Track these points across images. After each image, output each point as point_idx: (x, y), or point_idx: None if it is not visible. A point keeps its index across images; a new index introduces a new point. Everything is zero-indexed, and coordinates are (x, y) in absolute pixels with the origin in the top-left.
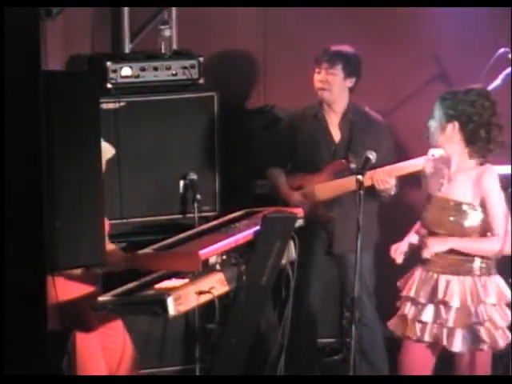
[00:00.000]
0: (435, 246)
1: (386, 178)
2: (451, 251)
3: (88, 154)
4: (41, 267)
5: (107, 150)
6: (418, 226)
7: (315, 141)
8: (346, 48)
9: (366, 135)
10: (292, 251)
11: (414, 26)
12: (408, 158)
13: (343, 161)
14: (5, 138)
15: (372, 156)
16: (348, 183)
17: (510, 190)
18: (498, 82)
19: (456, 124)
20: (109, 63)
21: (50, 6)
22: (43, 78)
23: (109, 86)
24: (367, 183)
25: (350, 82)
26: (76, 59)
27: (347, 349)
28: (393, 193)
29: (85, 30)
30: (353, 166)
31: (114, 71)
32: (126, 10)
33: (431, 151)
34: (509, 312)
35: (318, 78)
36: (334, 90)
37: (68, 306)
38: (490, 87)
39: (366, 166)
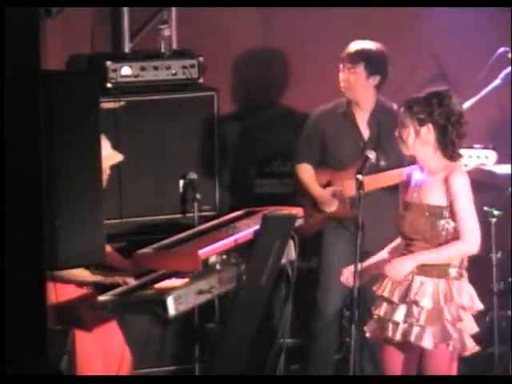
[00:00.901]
0: (405, 267)
1: None
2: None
3: (87, 153)
4: (40, 267)
5: (114, 156)
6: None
7: (344, 138)
8: (370, 45)
9: (394, 133)
10: (292, 251)
11: (414, 25)
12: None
13: None
14: (5, 137)
15: (372, 155)
16: (376, 180)
17: (510, 189)
18: (497, 81)
19: (430, 126)
20: (109, 63)
21: (49, 6)
22: (43, 78)
23: (109, 85)
24: (395, 181)
25: (374, 81)
26: (76, 59)
27: (347, 348)
28: None
29: (85, 30)
30: (382, 163)
31: (114, 71)
32: (125, 9)
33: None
34: (473, 323)
35: (342, 77)
36: (357, 89)
37: (64, 307)
38: (490, 87)
39: (365, 166)
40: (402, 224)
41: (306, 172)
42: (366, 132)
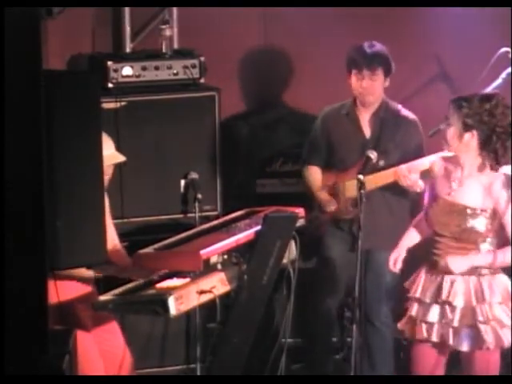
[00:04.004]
0: (459, 266)
1: (407, 174)
2: (455, 248)
3: (89, 153)
4: (42, 267)
5: (116, 156)
6: (415, 222)
7: (347, 139)
8: (381, 48)
9: (396, 132)
10: (293, 250)
11: (414, 25)
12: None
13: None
14: (5, 137)
15: (373, 155)
16: (375, 179)
17: (510, 189)
18: (498, 81)
19: (475, 133)
20: (110, 63)
21: (50, 6)
22: (44, 78)
23: (110, 85)
24: (390, 179)
25: (387, 82)
26: (77, 59)
27: (348, 348)
28: (418, 190)
29: (86, 30)
30: (381, 162)
31: (115, 71)
32: (127, 9)
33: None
34: None
35: (362, 84)
36: (377, 93)
37: (63, 307)
38: (491, 87)
39: (366, 166)
40: (430, 217)
41: (312, 174)
42: (367, 131)
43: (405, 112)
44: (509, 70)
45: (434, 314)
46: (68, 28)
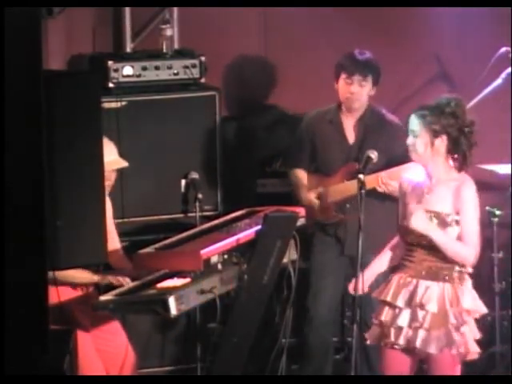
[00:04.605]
0: (419, 223)
1: (388, 181)
2: (431, 256)
3: (89, 153)
4: (42, 266)
5: (119, 162)
6: (391, 245)
7: (331, 144)
8: (370, 56)
9: (379, 137)
10: (293, 250)
11: (414, 25)
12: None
13: (356, 163)
14: (5, 137)
15: (373, 155)
16: (354, 185)
17: (510, 189)
18: (498, 81)
19: (444, 138)
20: (110, 62)
21: (50, 6)
22: (44, 78)
23: (110, 85)
24: (373, 185)
25: (373, 91)
26: (77, 59)
27: (349, 348)
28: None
29: (86, 30)
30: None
31: (116, 70)
32: (127, 9)
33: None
34: (476, 328)
35: (350, 89)
36: (363, 99)
37: (60, 308)
38: (491, 87)
39: (367, 165)
40: (405, 227)
41: (297, 177)
42: (351, 137)
43: (389, 117)
44: (509, 69)
45: (403, 318)
46: (68, 28)
